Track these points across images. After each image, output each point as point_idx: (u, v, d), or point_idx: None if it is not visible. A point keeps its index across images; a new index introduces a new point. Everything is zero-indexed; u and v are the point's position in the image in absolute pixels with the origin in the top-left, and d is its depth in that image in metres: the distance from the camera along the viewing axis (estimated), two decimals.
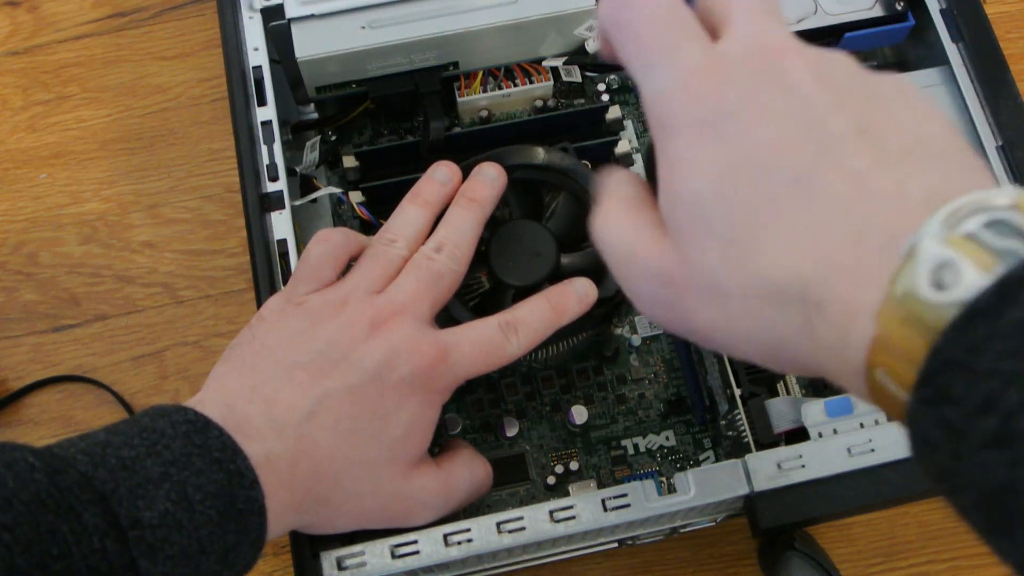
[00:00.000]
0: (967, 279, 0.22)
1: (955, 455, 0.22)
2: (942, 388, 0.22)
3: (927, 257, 0.23)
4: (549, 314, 0.43)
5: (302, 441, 0.39)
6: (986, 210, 0.23)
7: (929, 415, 0.23)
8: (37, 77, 0.63)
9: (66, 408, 0.55)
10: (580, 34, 0.52)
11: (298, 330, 0.41)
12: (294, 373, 0.40)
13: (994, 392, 0.21)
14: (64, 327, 0.57)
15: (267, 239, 0.47)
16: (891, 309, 0.24)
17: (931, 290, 0.23)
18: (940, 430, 0.22)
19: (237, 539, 0.36)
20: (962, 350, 0.22)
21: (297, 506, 0.39)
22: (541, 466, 0.50)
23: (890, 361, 0.24)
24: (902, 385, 0.24)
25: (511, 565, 0.46)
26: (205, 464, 0.36)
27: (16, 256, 0.58)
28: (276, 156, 0.49)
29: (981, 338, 0.22)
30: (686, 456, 0.50)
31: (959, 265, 0.22)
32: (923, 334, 0.23)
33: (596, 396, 0.51)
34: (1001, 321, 0.22)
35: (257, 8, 0.51)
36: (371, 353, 0.40)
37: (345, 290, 0.42)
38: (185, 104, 0.62)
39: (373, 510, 0.41)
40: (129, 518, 0.33)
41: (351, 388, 0.40)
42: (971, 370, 0.22)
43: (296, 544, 0.42)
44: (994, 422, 0.21)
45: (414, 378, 0.40)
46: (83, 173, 0.60)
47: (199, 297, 0.57)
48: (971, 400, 0.22)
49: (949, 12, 0.51)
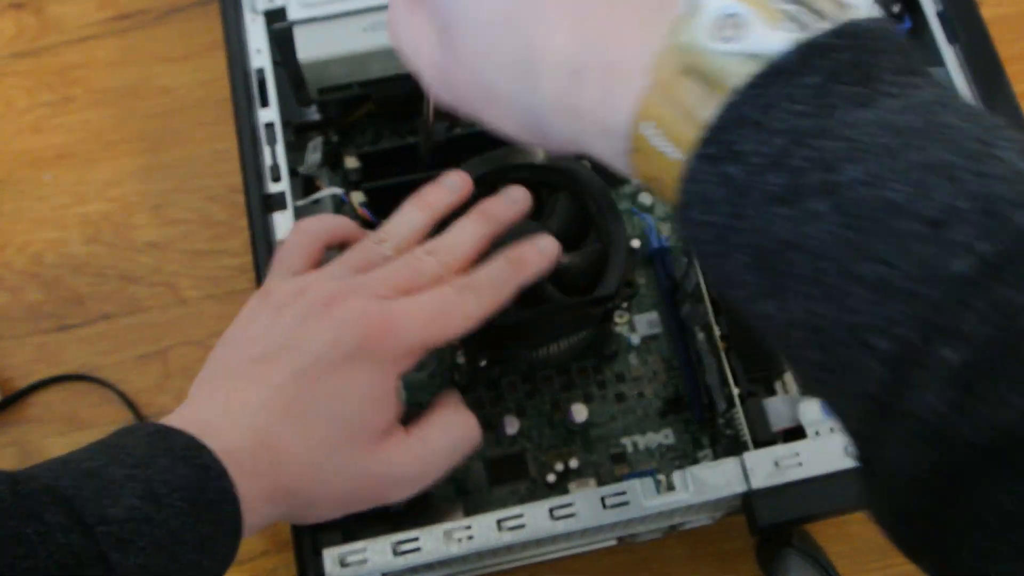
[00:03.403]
0: (756, 32, 0.22)
1: (735, 214, 0.22)
2: (730, 144, 0.22)
3: (712, 8, 0.23)
4: (508, 270, 0.41)
5: (259, 434, 0.38)
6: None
7: (712, 172, 0.22)
8: (42, 78, 0.63)
9: (71, 407, 0.56)
10: None
11: (264, 325, 0.41)
12: (249, 369, 0.40)
13: (785, 149, 0.22)
14: (69, 326, 0.57)
15: (270, 239, 0.48)
16: (669, 59, 0.23)
17: (714, 40, 0.22)
18: (722, 188, 0.22)
19: (213, 529, 0.36)
20: (757, 108, 0.22)
21: (269, 497, 0.38)
22: (541, 464, 0.50)
23: (664, 113, 0.23)
24: (676, 142, 0.23)
25: (511, 562, 0.46)
26: (170, 462, 0.36)
27: (21, 256, 0.59)
28: (279, 157, 0.49)
29: (778, 97, 0.22)
30: (685, 454, 0.50)
31: (747, 17, 0.22)
32: (704, 86, 0.23)
33: (596, 394, 0.51)
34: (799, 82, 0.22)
35: (260, 10, 0.52)
36: (318, 334, 0.40)
37: (310, 278, 0.42)
38: (189, 105, 0.62)
39: (346, 492, 0.40)
40: (95, 516, 0.33)
41: (298, 373, 0.39)
42: (763, 127, 0.22)
43: (298, 541, 0.43)
44: (783, 178, 0.22)
45: (361, 351, 0.39)
46: (88, 174, 0.61)
47: (203, 297, 0.58)
48: (760, 156, 0.22)
49: (945, 14, 0.51)
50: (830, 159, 0.21)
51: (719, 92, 0.22)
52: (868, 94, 0.22)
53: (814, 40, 0.22)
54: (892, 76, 0.22)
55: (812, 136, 0.21)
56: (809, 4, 0.23)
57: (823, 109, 0.22)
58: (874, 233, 0.21)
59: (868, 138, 0.21)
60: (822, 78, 0.22)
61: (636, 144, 0.24)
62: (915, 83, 0.22)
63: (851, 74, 0.22)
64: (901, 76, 0.22)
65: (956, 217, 0.20)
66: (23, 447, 0.55)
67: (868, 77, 0.22)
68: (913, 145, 0.21)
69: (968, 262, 0.20)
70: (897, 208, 0.21)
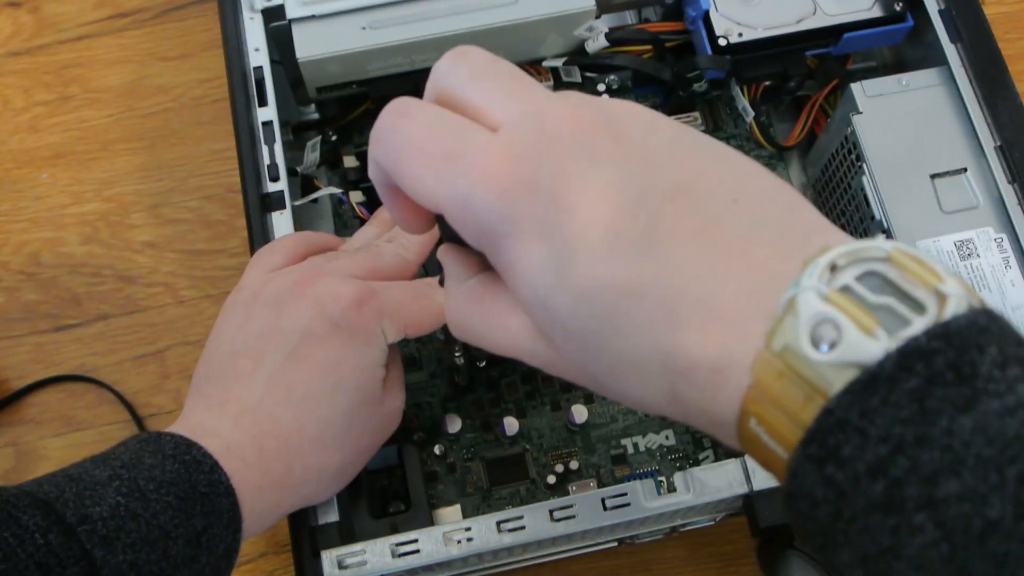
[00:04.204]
0: (848, 338, 0.22)
1: (837, 515, 0.22)
2: (831, 448, 0.22)
3: (807, 312, 0.23)
4: None
5: (261, 422, 0.39)
6: (860, 261, 0.23)
7: (815, 472, 0.23)
8: (39, 77, 0.63)
9: (67, 408, 0.55)
10: (580, 35, 0.52)
11: (241, 319, 0.42)
12: (236, 364, 0.40)
13: (884, 457, 0.21)
14: (66, 327, 0.57)
15: (268, 239, 0.47)
16: (768, 362, 0.23)
17: (810, 347, 0.23)
18: (825, 489, 0.22)
19: (207, 522, 0.36)
20: (856, 413, 0.22)
21: (278, 483, 0.39)
22: (541, 465, 0.50)
23: (765, 413, 0.23)
24: (778, 439, 0.23)
25: (511, 564, 0.46)
26: (157, 460, 0.36)
27: (18, 256, 0.59)
28: (277, 156, 0.49)
29: (877, 403, 0.22)
30: (685, 455, 0.50)
31: (839, 323, 0.22)
32: (804, 389, 0.23)
33: (596, 395, 0.51)
34: (897, 389, 0.22)
35: (258, 9, 0.52)
36: (298, 314, 0.41)
37: (280, 271, 0.43)
38: (186, 104, 0.62)
39: (360, 451, 0.43)
40: (77, 516, 0.33)
41: (291, 354, 0.40)
42: (863, 434, 0.22)
43: (297, 543, 0.43)
44: (881, 487, 0.22)
45: (343, 320, 0.41)
46: (85, 173, 0.60)
47: (200, 297, 0.57)
48: (860, 463, 0.22)
49: (948, 12, 0.51)
50: (929, 471, 0.21)
51: (819, 398, 0.23)
52: (969, 396, 0.22)
53: (911, 347, 0.22)
54: (995, 371, 0.22)
55: (912, 446, 0.21)
56: (905, 291, 0.23)
57: (923, 415, 0.21)
58: (974, 552, 0.21)
59: (967, 448, 0.21)
60: (921, 382, 0.22)
61: (744, 435, 0.25)
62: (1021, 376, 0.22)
63: (951, 375, 0.22)
64: (1005, 370, 0.22)
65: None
66: (20, 448, 0.54)
67: (969, 376, 0.22)
68: (1012, 456, 0.21)
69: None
70: (996, 527, 0.20)
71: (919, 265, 0.23)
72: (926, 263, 0.23)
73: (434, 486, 0.49)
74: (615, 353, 0.26)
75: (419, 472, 0.48)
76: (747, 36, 0.50)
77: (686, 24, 0.53)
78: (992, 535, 0.20)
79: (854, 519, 0.22)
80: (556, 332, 0.27)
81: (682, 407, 0.26)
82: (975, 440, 0.21)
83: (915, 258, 0.23)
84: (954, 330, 0.22)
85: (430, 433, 0.50)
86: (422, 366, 0.51)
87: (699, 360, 0.24)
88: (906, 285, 0.23)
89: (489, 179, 0.26)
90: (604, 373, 0.27)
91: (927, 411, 0.21)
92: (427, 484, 0.49)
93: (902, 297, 0.23)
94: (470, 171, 0.26)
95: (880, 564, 0.22)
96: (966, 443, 0.21)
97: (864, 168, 0.48)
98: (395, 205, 0.30)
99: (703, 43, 0.51)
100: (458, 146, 0.27)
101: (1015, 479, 0.21)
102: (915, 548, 0.21)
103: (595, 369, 0.27)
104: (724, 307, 0.24)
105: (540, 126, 0.26)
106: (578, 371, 0.28)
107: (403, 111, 0.28)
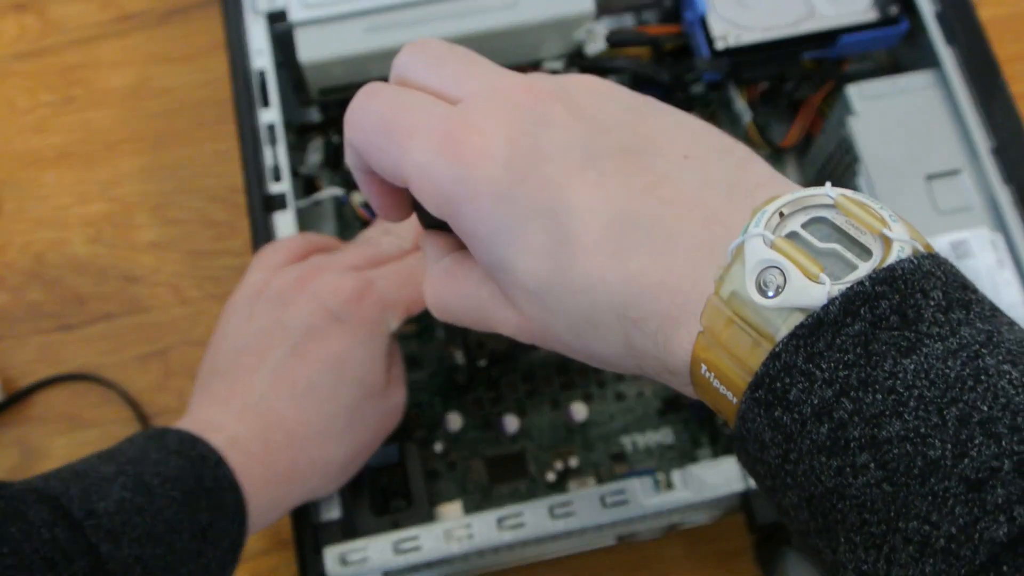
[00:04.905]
0: (793, 283, 0.23)
1: (784, 457, 0.23)
2: (778, 392, 0.23)
3: (753, 259, 0.23)
4: None
5: (266, 416, 0.40)
6: (807, 209, 0.24)
7: (763, 416, 0.23)
8: (44, 79, 0.63)
9: (72, 406, 0.56)
10: (578, 37, 0.53)
11: (243, 317, 0.43)
12: (240, 360, 0.41)
13: (829, 400, 0.22)
14: (70, 326, 0.58)
15: (271, 239, 0.48)
16: (716, 309, 0.24)
17: (757, 292, 0.23)
18: (773, 432, 0.23)
19: (212, 516, 0.36)
20: (802, 357, 0.22)
21: (283, 477, 0.39)
22: (541, 463, 0.50)
23: (715, 359, 0.24)
24: (727, 385, 0.24)
25: (511, 561, 0.47)
26: (162, 456, 0.37)
27: (23, 256, 0.59)
28: (280, 157, 0.50)
29: (822, 347, 0.22)
30: (684, 453, 0.51)
31: (784, 268, 0.23)
32: (751, 335, 0.23)
33: (595, 393, 0.52)
34: (842, 333, 0.22)
35: (261, 11, 0.52)
36: (301, 309, 0.41)
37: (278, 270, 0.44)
38: (190, 106, 0.62)
39: (363, 445, 0.43)
40: (83, 510, 0.34)
41: (294, 349, 0.41)
42: (809, 377, 0.22)
43: (299, 539, 0.43)
44: (827, 429, 0.22)
45: (345, 313, 0.41)
46: (89, 174, 0.61)
47: (204, 296, 0.58)
48: (806, 406, 0.22)
49: (943, 15, 0.51)
50: (873, 412, 0.21)
51: (766, 343, 0.23)
52: (912, 339, 0.22)
53: (856, 291, 0.22)
54: (939, 315, 0.22)
55: (856, 388, 0.22)
56: (851, 237, 0.23)
57: (868, 358, 0.22)
58: (915, 491, 0.21)
59: (910, 390, 0.21)
60: (866, 325, 0.22)
61: (696, 381, 0.25)
62: (963, 319, 0.22)
63: (895, 319, 0.22)
64: (949, 313, 0.22)
65: (995, 478, 0.20)
66: (25, 447, 0.55)
67: (913, 320, 0.22)
68: (954, 397, 0.21)
69: (1005, 528, 0.20)
70: (936, 466, 0.21)
71: (864, 211, 0.24)
72: (872, 208, 0.24)
73: (435, 484, 0.50)
74: (573, 309, 0.26)
75: (420, 470, 0.48)
76: (744, 39, 0.50)
77: (684, 27, 0.53)
78: (932, 474, 0.21)
79: (800, 460, 0.22)
80: (518, 293, 0.28)
81: (638, 358, 0.26)
82: (917, 382, 0.21)
83: (861, 204, 0.24)
84: (899, 274, 0.22)
85: (431, 431, 0.51)
86: (423, 365, 0.52)
87: (651, 310, 0.25)
88: (852, 231, 0.23)
89: (446, 146, 0.27)
90: (567, 332, 0.27)
91: (871, 354, 0.22)
92: (428, 482, 0.49)
93: (848, 243, 0.23)
94: (429, 139, 0.27)
95: (824, 504, 0.22)
96: (909, 385, 0.21)
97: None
98: (371, 190, 0.31)
99: (701, 46, 0.51)
100: (419, 118, 0.28)
101: (955, 419, 0.21)
102: (858, 488, 0.22)
103: (559, 328, 0.27)
104: (675, 258, 0.25)
105: (496, 98, 0.28)
106: (544, 333, 0.28)
107: (372, 93, 0.30)
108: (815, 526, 0.23)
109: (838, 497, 0.22)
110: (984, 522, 0.20)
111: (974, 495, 0.20)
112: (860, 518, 0.22)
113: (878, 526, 0.22)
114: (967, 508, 0.20)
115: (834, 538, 0.23)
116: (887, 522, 0.21)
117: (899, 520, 0.21)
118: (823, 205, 0.24)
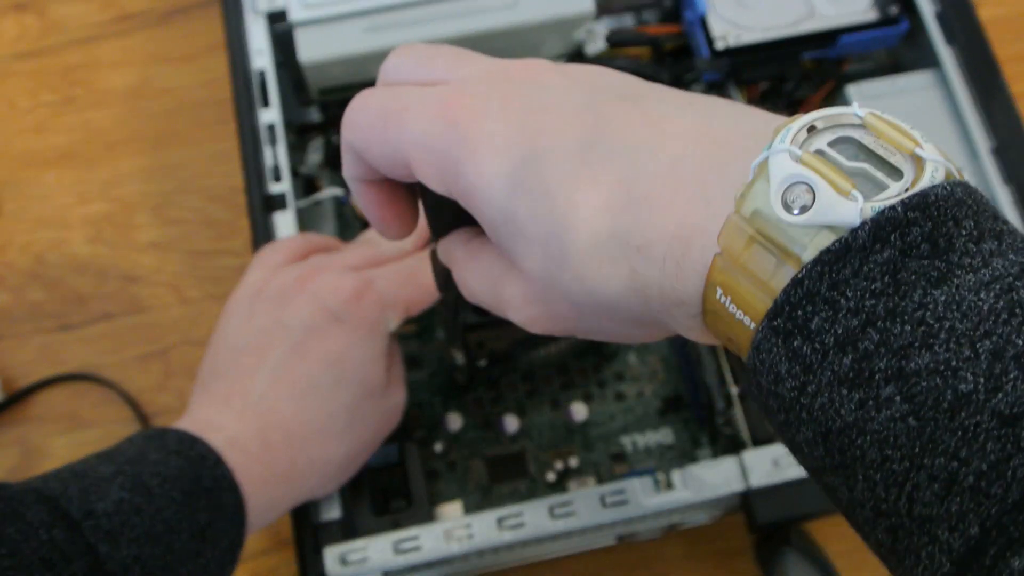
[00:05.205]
0: (823, 199, 0.22)
1: (801, 389, 0.22)
2: (798, 321, 0.22)
3: (779, 174, 0.22)
4: None
5: (265, 416, 0.40)
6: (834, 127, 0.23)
7: (779, 346, 0.22)
8: (44, 79, 0.63)
9: (72, 406, 0.56)
10: (578, 37, 0.53)
11: (243, 316, 0.43)
12: (240, 360, 0.41)
13: (854, 330, 0.21)
14: (70, 326, 0.58)
15: (271, 239, 0.48)
16: (737, 227, 0.23)
17: (783, 209, 0.22)
18: (790, 363, 0.22)
19: (211, 516, 0.37)
20: (826, 284, 0.21)
21: (282, 476, 0.39)
22: (541, 463, 0.50)
23: (733, 282, 0.23)
24: (745, 309, 0.23)
25: (511, 561, 0.47)
26: (161, 456, 0.37)
27: (23, 256, 0.59)
28: (280, 157, 0.50)
29: (848, 274, 0.21)
30: (684, 453, 0.51)
31: (814, 183, 0.22)
32: (775, 255, 0.22)
33: (595, 393, 0.52)
34: (870, 260, 0.21)
35: (261, 11, 0.52)
36: (300, 309, 0.42)
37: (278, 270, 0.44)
38: (190, 106, 0.62)
39: (364, 444, 0.43)
40: (81, 511, 0.34)
41: (294, 348, 0.41)
42: (833, 305, 0.21)
43: (299, 539, 0.43)
44: (850, 360, 0.21)
45: (345, 313, 0.41)
46: (89, 174, 0.61)
47: (204, 297, 0.58)
48: (829, 336, 0.21)
49: (943, 15, 0.51)
50: (900, 344, 0.21)
51: (791, 263, 0.22)
52: (943, 269, 0.21)
53: (887, 216, 0.21)
54: (970, 245, 0.21)
55: (883, 318, 0.21)
56: (881, 157, 0.22)
57: (896, 288, 0.21)
58: (943, 426, 0.20)
59: (940, 322, 0.21)
60: (895, 253, 0.21)
61: (710, 307, 0.24)
62: (996, 250, 0.21)
63: (926, 248, 0.21)
64: (981, 244, 0.21)
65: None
66: (25, 446, 0.55)
67: (944, 249, 0.21)
68: (987, 330, 0.20)
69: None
70: (968, 401, 0.20)
71: (895, 130, 0.23)
72: (902, 127, 0.23)
73: (435, 483, 0.50)
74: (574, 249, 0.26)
75: (420, 470, 0.48)
76: (744, 39, 0.50)
77: (684, 27, 0.53)
78: (963, 408, 0.20)
79: (819, 393, 0.22)
80: (521, 244, 0.27)
81: (641, 292, 0.25)
82: (948, 314, 0.21)
83: (891, 123, 0.23)
84: (931, 200, 0.21)
85: (431, 431, 0.51)
86: (423, 365, 0.52)
87: (658, 234, 0.24)
88: (881, 151, 0.23)
89: (442, 112, 0.27)
90: (572, 280, 0.26)
91: (900, 283, 0.21)
92: (428, 482, 0.49)
93: (878, 163, 0.22)
94: (425, 111, 0.27)
95: (843, 440, 0.22)
96: (939, 317, 0.21)
97: None
98: (370, 201, 0.31)
99: (701, 46, 0.51)
100: (414, 97, 0.28)
101: (989, 353, 0.20)
102: (880, 422, 0.21)
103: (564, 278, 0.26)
104: (683, 180, 0.24)
105: (491, 73, 0.28)
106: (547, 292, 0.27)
107: (367, 94, 0.30)
108: (831, 463, 0.22)
109: (858, 432, 0.21)
110: (1018, 459, 0.19)
111: (1007, 431, 0.20)
112: (881, 454, 0.21)
113: (901, 463, 0.21)
114: (999, 444, 0.20)
115: (851, 476, 0.22)
116: (911, 458, 0.21)
117: (924, 456, 0.20)
118: (851, 124, 0.23)
